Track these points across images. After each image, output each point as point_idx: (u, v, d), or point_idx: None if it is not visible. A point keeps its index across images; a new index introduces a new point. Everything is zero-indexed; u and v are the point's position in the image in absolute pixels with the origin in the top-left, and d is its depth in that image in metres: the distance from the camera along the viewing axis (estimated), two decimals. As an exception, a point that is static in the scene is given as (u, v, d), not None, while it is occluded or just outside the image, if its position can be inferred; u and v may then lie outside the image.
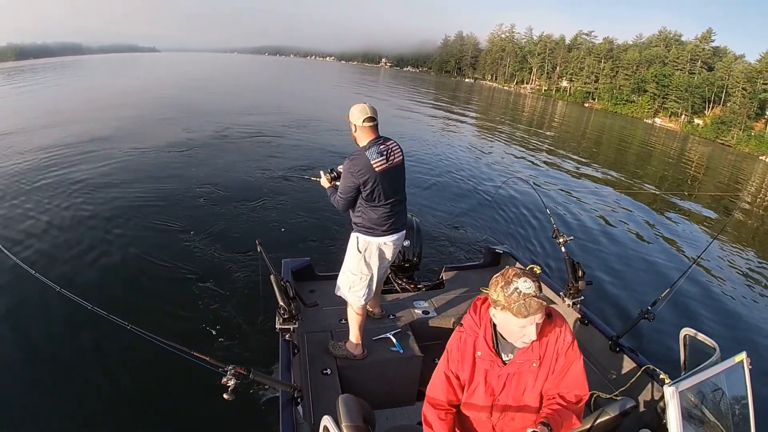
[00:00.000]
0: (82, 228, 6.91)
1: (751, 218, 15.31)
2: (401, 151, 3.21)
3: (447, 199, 9.98)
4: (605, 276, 7.13)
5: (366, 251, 3.21)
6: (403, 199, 3.27)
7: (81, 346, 4.43)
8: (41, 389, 3.92)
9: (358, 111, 3.07)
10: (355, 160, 3.01)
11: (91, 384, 4.02)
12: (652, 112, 74.03)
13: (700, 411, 1.98)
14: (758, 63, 63.60)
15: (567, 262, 3.63)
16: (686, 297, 6.78)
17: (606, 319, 5.63)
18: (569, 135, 31.49)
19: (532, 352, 1.89)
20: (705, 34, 75.56)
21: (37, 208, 7.56)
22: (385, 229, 3.15)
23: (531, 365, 1.91)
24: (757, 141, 56.45)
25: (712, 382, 1.95)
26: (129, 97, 24.48)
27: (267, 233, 7.00)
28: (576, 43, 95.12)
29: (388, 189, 3.08)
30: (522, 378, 1.94)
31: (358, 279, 3.23)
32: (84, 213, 7.44)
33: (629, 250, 8.66)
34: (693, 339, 2.46)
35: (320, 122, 18.34)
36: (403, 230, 3.32)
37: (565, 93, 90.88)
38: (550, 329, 1.90)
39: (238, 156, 11.72)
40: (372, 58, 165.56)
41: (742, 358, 1.98)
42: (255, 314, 4.88)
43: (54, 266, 5.79)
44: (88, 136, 13.06)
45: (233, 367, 2.09)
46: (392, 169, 3.08)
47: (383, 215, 3.11)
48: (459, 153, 16.09)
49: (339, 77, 68.05)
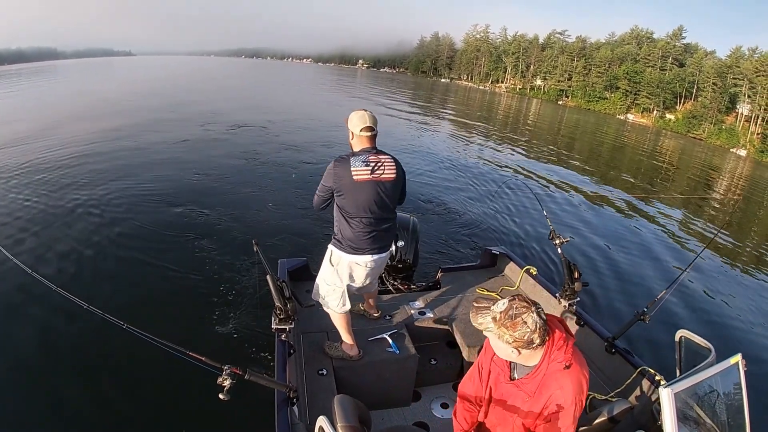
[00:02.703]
0: (77, 228, 6.88)
1: (747, 220, 15.58)
2: (396, 168, 3.04)
3: (443, 200, 9.99)
4: (601, 277, 7.19)
5: (338, 266, 3.12)
6: (386, 218, 3.07)
7: (76, 345, 4.41)
8: (35, 388, 3.90)
9: (357, 118, 3.00)
10: (337, 163, 2.95)
11: (86, 383, 4.01)
12: (625, 108, 75.65)
13: (696, 412, 1.98)
14: (728, 58, 65.50)
15: (563, 264, 3.63)
16: (682, 299, 6.84)
17: (601, 320, 5.71)
18: (552, 134, 31.96)
19: (530, 384, 1.91)
20: (676, 32, 77.58)
21: (32, 207, 7.56)
22: (357, 248, 3.01)
23: (525, 397, 1.93)
24: (728, 134, 58.10)
25: (707, 383, 1.95)
26: (115, 100, 24.22)
27: (263, 233, 6.95)
28: (549, 42, 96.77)
29: (366, 203, 2.94)
30: (516, 399, 1.97)
31: (331, 290, 3.16)
32: (79, 212, 7.41)
33: (625, 252, 8.71)
34: (688, 341, 2.48)
35: (308, 123, 18.50)
36: (383, 254, 3.15)
37: (539, 91, 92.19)
38: (557, 377, 1.86)
39: (230, 158, 11.68)
40: (349, 59, 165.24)
41: (738, 359, 1.99)
42: (251, 314, 4.88)
43: (49, 265, 5.76)
44: (79, 137, 13.08)
45: (229, 367, 2.07)
46: (376, 183, 2.95)
47: (359, 233, 2.97)
48: (452, 154, 16.23)
49: (318, 79, 67.85)
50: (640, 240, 9.77)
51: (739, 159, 43.72)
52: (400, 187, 3.12)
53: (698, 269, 8.29)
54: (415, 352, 3.41)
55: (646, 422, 2.73)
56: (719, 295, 7.56)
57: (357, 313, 3.77)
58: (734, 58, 64.45)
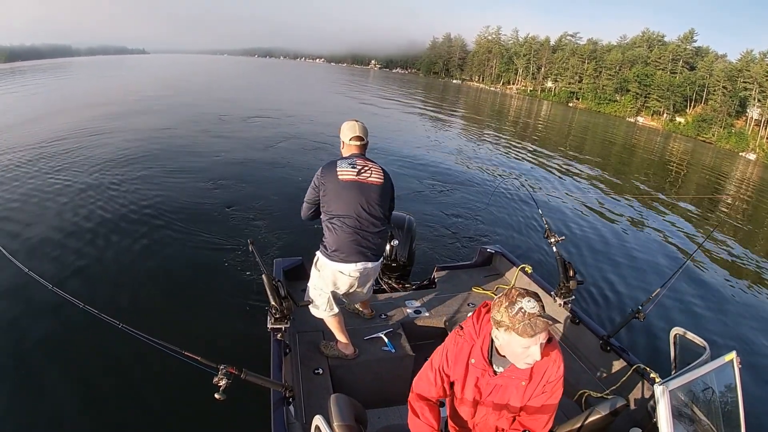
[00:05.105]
0: (73, 227, 6.79)
1: (742, 219, 15.47)
2: (383, 175, 3.09)
3: (439, 199, 9.97)
4: (596, 275, 7.15)
5: (322, 272, 3.10)
6: (373, 223, 3.01)
7: (71, 344, 4.37)
8: (29, 388, 3.87)
9: (347, 128, 3.12)
10: (324, 168, 3.03)
11: (81, 383, 3.97)
12: (635, 111, 75.30)
13: (691, 410, 1.98)
14: (739, 62, 64.97)
15: (558, 262, 3.63)
16: (677, 297, 6.81)
17: (597, 318, 5.69)
18: (557, 134, 31.73)
19: (523, 371, 1.90)
20: (687, 35, 77.00)
21: (29, 205, 7.50)
22: (341, 255, 2.97)
23: (519, 383, 1.94)
24: (737, 138, 57.61)
25: (702, 380, 1.95)
26: (119, 98, 24.15)
27: (259, 233, 6.95)
28: (561, 44, 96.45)
29: (348, 206, 2.94)
30: (508, 390, 1.97)
31: (317, 294, 3.17)
32: (76, 212, 7.31)
33: (620, 250, 8.70)
34: (683, 338, 2.48)
35: (312, 123, 18.31)
36: (370, 262, 3.06)
37: (549, 93, 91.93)
38: (546, 353, 1.89)
39: (226, 156, 11.58)
40: (361, 59, 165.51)
41: (732, 357, 1.99)
42: (247, 314, 4.86)
43: (45, 264, 5.71)
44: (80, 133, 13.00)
45: (225, 366, 2.08)
46: (361, 185, 2.97)
47: (343, 235, 2.94)
48: (451, 152, 16.15)
49: (330, 79, 67.77)
50: (635, 238, 9.74)
51: (748, 163, 43.30)
52: (387, 193, 3.13)
53: (694, 268, 8.30)
54: (411, 351, 3.42)
55: (641, 420, 2.73)
56: (714, 293, 7.54)
57: (351, 312, 3.79)
58: (745, 61, 63.88)
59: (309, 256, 4.33)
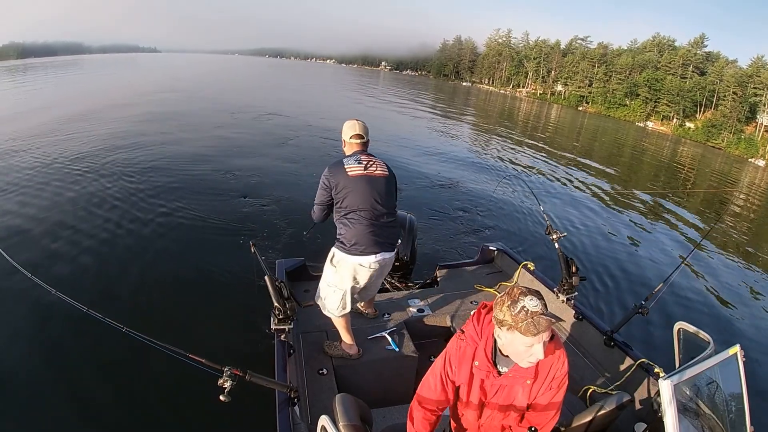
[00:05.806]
0: (75, 231, 6.78)
1: (743, 214, 15.41)
2: (387, 169, 3.19)
3: (441, 197, 9.97)
4: (599, 271, 7.14)
5: (339, 267, 3.12)
6: (385, 215, 3.10)
7: (76, 348, 4.36)
8: (34, 392, 3.87)
9: (348, 127, 3.22)
10: (330, 167, 3.08)
11: (86, 387, 3.97)
12: (645, 116, 74.77)
13: (696, 404, 1.98)
14: (749, 67, 64.37)
15: (560, 259, 3.63)
16: (680, 291, 6.80)
17: (600, 314, 5.68)
18: (564, 137, 31.66)
19: (527, 369, 1.90)
20: (697, 39, 76.43)
21: (29, 207, 7.47)
22: (361, 248, 3.00)
23: (525, 382, 1.93)
24: (747, 144, 57.07)
25: (706, 375, 1.96)
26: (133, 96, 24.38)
27: (261, 234, 6.94)
28: (571, 48, 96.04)
29: (362, 199, 3.00)
30: (513, 389, 1.97)
31: (331, 291, 3.17)
32: (78, 214, 7.31)
33: (622, 246, 8.71)
34: (687, 333, 2.47)
35: (319, 125, 18.22)
36: (387, 253, 3.13)
37: (559, 97, 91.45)
38: (550, 350, 1.89)
39: (228, 157, 11.58)
40: (371, 61, 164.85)
41: (736, 350, 1.99)
42: (250, 315, 4.82)
43: (48, 268, 5.69)
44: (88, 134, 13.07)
45: (229, 368, 2.09)
46: (370, 178, 3.04)
47: (360, 232, 2.99)
48: (455, 152, 16.14)
49: (341, 80, 67.89)
50: (637, 234, 9.75)
51: (757, 169, 42.86)
52: (393, 186, 3.22)
53: (697, 262, 8.30)
54: (415, 350, 3.44)
55: (646, 415, 2.73)
56: (717, 287, 7.53)
57: (355, 312, 3.78)
58: (755, 67, 63.24)
59: (311, 256, 4.36)
